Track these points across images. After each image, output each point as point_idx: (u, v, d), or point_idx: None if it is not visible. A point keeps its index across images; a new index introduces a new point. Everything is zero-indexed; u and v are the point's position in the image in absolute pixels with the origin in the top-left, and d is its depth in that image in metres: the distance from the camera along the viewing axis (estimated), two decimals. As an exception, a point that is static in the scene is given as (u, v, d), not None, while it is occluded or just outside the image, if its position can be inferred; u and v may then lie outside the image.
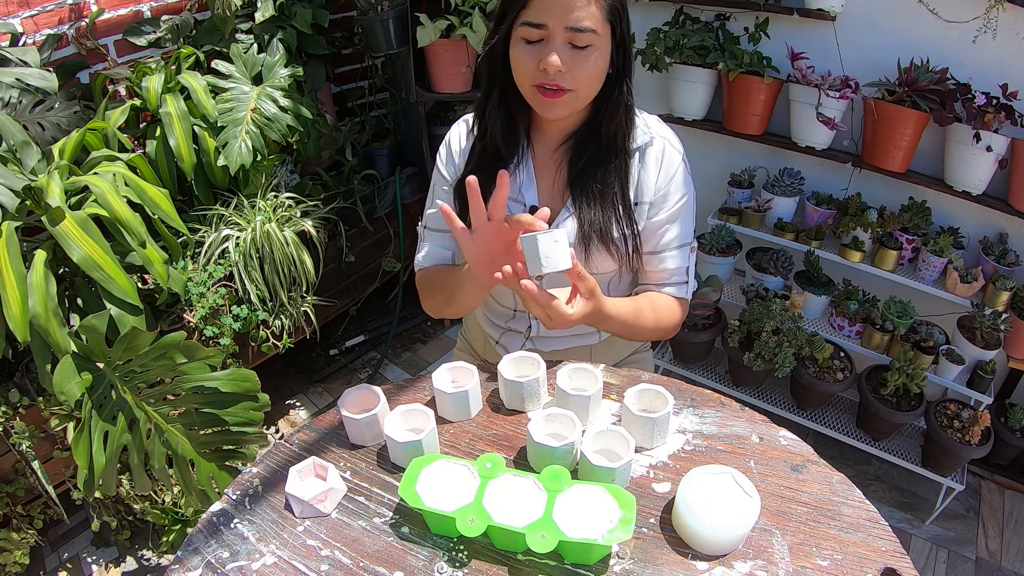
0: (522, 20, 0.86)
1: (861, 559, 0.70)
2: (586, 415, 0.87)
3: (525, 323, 1.13)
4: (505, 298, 1.12)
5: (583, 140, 0.98)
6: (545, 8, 0.84)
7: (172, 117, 1.68)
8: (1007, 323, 1.77)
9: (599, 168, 0.97)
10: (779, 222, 1.99)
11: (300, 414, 2.33)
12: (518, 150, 1.01)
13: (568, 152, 0.99)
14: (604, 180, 0.97)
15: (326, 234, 2.05)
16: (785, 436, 0.85)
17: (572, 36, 0.85)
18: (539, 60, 0.86)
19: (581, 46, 0.86)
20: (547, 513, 0.70)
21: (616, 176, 0.97)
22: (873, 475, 2.09)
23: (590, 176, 0.97)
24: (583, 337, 1.14)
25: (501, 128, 0.98)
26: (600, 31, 0.86)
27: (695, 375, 2.26)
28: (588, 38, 0.85)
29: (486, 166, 1.00)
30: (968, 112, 1.59)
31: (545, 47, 0.86)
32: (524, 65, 0.89)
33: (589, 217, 0.96)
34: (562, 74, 0.86)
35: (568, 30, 0.84)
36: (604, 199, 0.97)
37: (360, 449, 0.88)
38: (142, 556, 1.83)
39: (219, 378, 1.27)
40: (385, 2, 2.04)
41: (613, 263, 1.00)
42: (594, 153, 0.97)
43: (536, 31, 0.86)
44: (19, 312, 1.17)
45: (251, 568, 0.73)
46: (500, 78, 0.95)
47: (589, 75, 0.88)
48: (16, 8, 1.64)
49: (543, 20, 0.85)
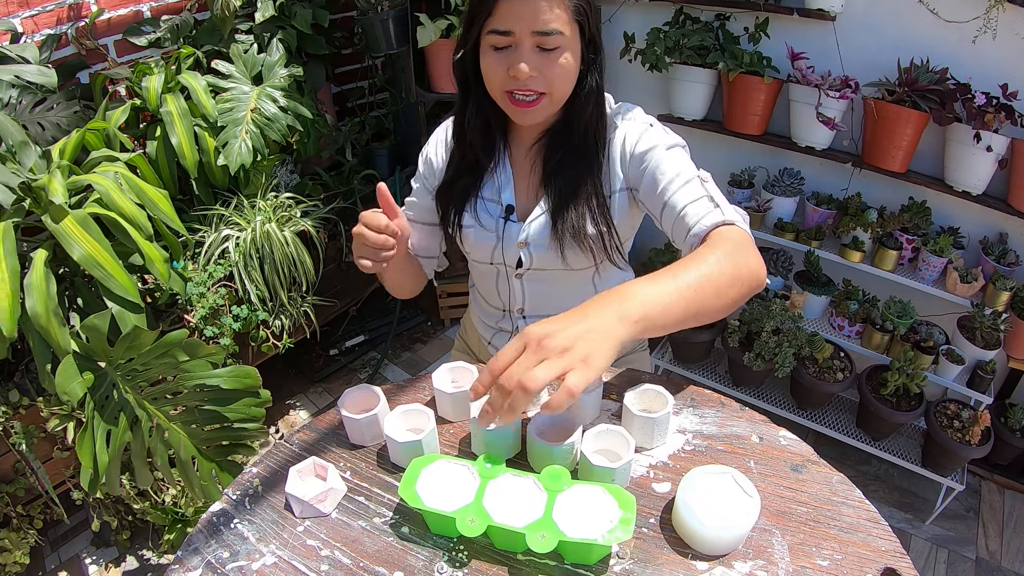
0: (489, 28, 0.86)
1: (861, 559, 0.70)
2: (586, 415, 0.87)
3: (510, 324, 1.14)
4: (493, 297, 1.13)
5: (556, 137, 0.98)
6: (510, 15, 0.84)
7: (173, 116, 1.68)
8: (1007, 323, 1.77)
9: (572, 166, 0.97)
10: (779, 222, 1.99)
11: (300, 414, 2.33)
12: (496, 154, 1.02)
13: (542, 150, 0.99)
14: (577, 177, 0.96)
15: (326, 234, 2.05)
16: (785, 436, 0.85)
17: (540, 40, 0.85)
18: (508, 67, 0.86)
19: (550, 48, 0.85)
20: (547, 513, 0.70)
21: (588, 172, 0.96)
22: (873, 475, 2.09)
23: (563, 174, 0.97)
24: None
25: (480, 137, 0.99)
26: (568, 32, 0.85)
27: (695, 375, 2.26)
28: (556, 40, 0.85)
29: (466, 172, 1.02)
30: (968, 112, 1.59)
31: (514, 53, 0.86)
32: (494, 72, 0.88)
33: (562, 215, 0.96)
34: (533, 79, 0.86)
35: (535, 34, 0.84)
36: (577, 196, 0.96)
37: (360, 449, 0.88)
38: (142, 556, 1.83)
39: (220, 375, 1.27)
40: (385, 2, 2.05)
41: (588, 260, 0.99)
42: (567, 150, 0.97)
43: (503, 38, 0.85)
44: (8, 306, 1.17)
45: (251, 568, 0.73)
46: (473, 86, 0.95)
47: (560, 76, 0.88)
48: (16, 8, 1.64)
49: (509, 27, 0.84)
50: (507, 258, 1.02)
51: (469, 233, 1.03)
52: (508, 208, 1.01)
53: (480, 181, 1.02)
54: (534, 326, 0.64)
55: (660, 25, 1.99)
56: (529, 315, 1.11)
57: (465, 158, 1.01)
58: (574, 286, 1.07)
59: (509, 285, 1.08)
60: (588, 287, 1.08)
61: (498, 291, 1.11)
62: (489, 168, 1.02)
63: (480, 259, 1.06)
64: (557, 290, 1.07)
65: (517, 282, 1.07)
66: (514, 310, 1.11)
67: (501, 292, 1.10)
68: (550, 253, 0.99)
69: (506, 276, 1.07)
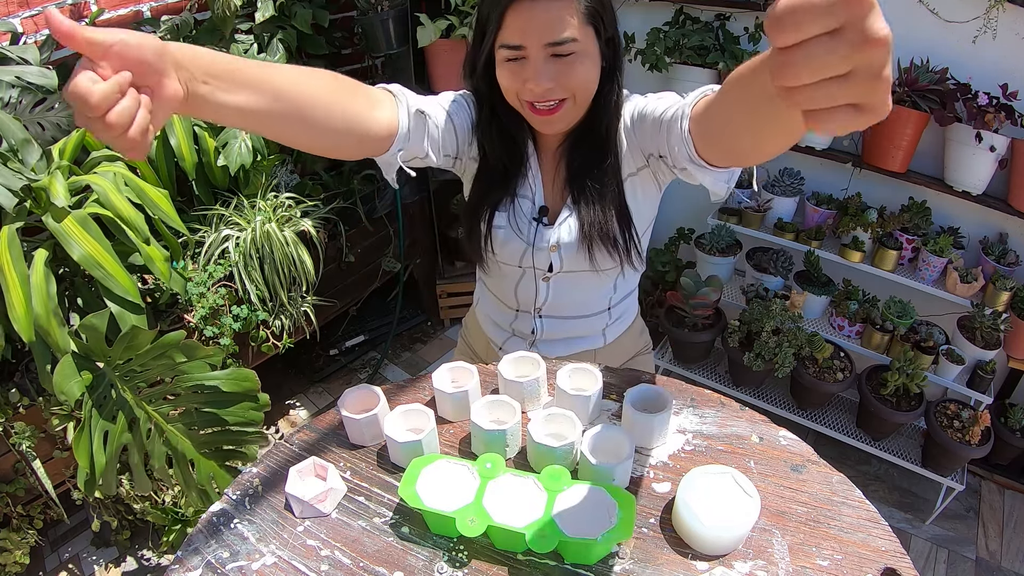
0: (500, 43, 0.84)
1: (861, 559, 0.70)
2: (586, 415, 0.87)
3: (529, 324, 1.12)
4: (509, 298, 1.11)
5: (580, 138, 0.97)
6: (520, 29, 0.82)
7: (172, 117, 1.68)
8: (1007, 323, 1.77)
9: (596, 167, 0.96)
10: (779, 222, 1.99)
11: (300, 414, 2.33)
12: (524, 158, 1.00)
13: (567, 151, 0.99)
14: (601, 178, 0.96)
15: (326, 234, 2.04)
16: (785, 436, 0.85)
17: (553, 49, 0.82)
18: (524, 80, 0.85)
19: (565, 55, 0.83)
20: (547, 513, 0.70)
21: (612, 174, 0.96)
22: (873, 475, 2.09)
23: (588, 174, 0.96)
24: (588, 340, 1.13)
25: (500, 147, 0.97)
26: (581, 36, 0.83)
27: (695, 375, 2.26)
28: (570, 47, 0.82)
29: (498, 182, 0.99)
30: (968, 112, 1.59)
31: (528, 66, 0.84)
32: (511, 84, 0.87)
33: (589, 216, 0.96)
34: (551, 89, 0.84)
35: (548, 45, 0.82)
36: (603, 198, 0.96)
37: (360, 449, 0.88)
38: (142, 556, 1.83)
39: (219, 377, 1.27)
40: (385, 2, 2.04)
41: (614, 261, 0.99)
42: (590, 151, 0.96)
43: (515, 52, 0.84)
44: (23, 313, 1.18)
45: (251, 568, 0.73)
46: (487, 95, 0.93)
47: (580, 80, 0.86)
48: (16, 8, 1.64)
49: (519, 41, 0.82)
50: (538, 262, 1.01)
51: (499, 234, 1.00)
52: (542, 209, 1.00)
53: (514, 183, 1.00)
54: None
55: (660, 25, 1.99)
56: (546, 315, 1.10)
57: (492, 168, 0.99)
58: (597, 287, 1.07)
59: (535, 286, 1.07)
60: (609, 288, 1.08)
61: (516, 292, 1.09)
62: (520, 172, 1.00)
63: (508, 261, 1.04)
64: (580, 291, 1.07)
65: (544, 284, 1.06)
66: (532, 310, 1.10)
67: (520, 293, 1.09)
68: (579, 255, 0.98)
69: (532, 278, 1.05)
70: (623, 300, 1.13)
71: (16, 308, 1.17)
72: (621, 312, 1.14)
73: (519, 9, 0.81)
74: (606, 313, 1.11)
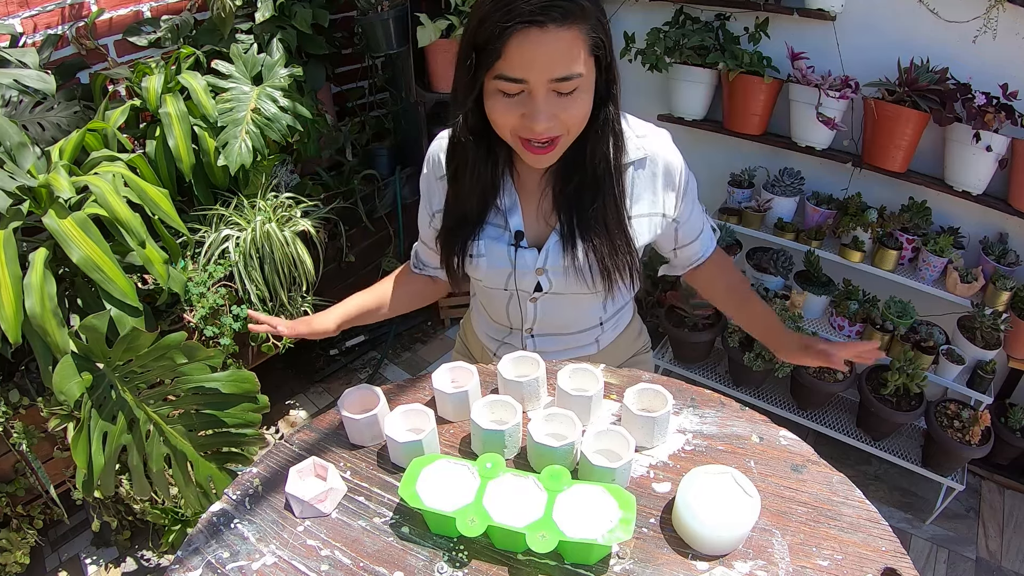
0: (497, 73, 0.76)
1: (861, 559, 0.70)
2: (586, 415, 0.87)
3: (520, 341, 1.11)
4: (501, 317, 1.09)
5: (568, 164, 0.90)
6: (524, 62, 0.74)
7: (172, 117, 1.68)
8: (1007, 323, 1.77)
9: (587, 192, 0.90)
10: (779, 222, 1.99)
11: (300, 414, 2.33)
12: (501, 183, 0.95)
13: (553, 177, 0.93)
14: (592, 204, 0.90)
15: (326, 234, 2.04)
16: (785, 436, 0.85)
17: (557, 85, 0.76)
18: (521, 115, 0.78)
19: (567, 92, 0.77)
20: (547, 513, 0.70)
21: (603, 199, 0.91)
22: (873, 475, 2.09)
23: (578, 200, 0.91)
24: (582, 349, 1.13)
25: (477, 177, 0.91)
26: (586, 70, 0.77)
27: (695, 375, 2.26)
28: (574, 83, 0.76)
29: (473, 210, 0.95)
30: (968, 112, 1.59)
31: (528, 102, 0.77)
32: (504, 119, 0.80)
33: (581, 241, 0.92)
34: (550, 128, 0.78)
35: (552, 81, 0.75)
36: (595, 223, 0.91)
37: (360, 449, 0.88)
38: (142, 556, 1.83)
39: (219, 379, 1.27)
40: (385, 2, 2.05)
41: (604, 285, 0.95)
42: (581, 178, 0.90)
43: (515, 85, 0.76)
44: (12, 313, 1.17)
45: (251, 568, 0.73)
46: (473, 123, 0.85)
47: (580, 118, 0.81)
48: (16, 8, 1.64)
49: (522, 75, 0.75)
50: (523, 284, 0.99)
51: (480, 263, 0.97)
52: (517, 234, 0.96)
53: (489, 210, 0.96)
54: None
55: (660, 25, 1.99)
56: (537, 333, 1.09)
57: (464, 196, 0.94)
58: (587, 306, 1.05)
59: (521, 307, 1.05)
60: (598, 307, 1.07)
61: (507, 312, 1.07)
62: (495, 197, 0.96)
63: (493, 286, 1.01)
64: (569, 310, 1.05)
65: (531, 305, 1.04)
66: (523, 329, 1.09)
67: (511, 313, 1.07)
68: (568, 278, 0.95)
69: (518, 300, 1.03)
70: (614, 315, 1.12)
71: (5, 308, 1.16)
72: (614, 324, 1.13)
73: (526, 39, 0.73)
74: (598, 328, 1.10)
